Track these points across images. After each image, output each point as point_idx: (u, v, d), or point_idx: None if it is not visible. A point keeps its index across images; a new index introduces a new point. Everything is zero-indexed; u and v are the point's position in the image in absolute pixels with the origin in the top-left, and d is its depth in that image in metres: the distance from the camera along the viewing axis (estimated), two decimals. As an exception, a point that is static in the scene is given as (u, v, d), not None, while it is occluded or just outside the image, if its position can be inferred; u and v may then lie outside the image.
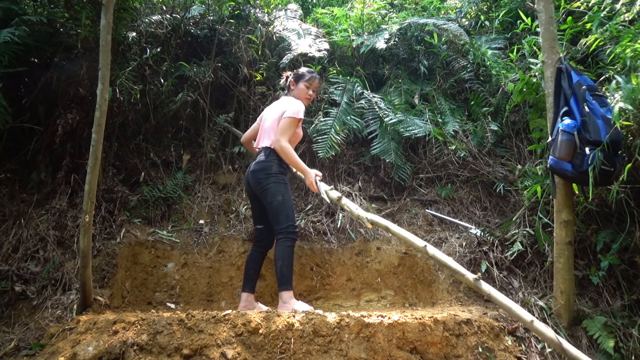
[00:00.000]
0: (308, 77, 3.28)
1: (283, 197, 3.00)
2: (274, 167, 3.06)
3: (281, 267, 2.91)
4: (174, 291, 3.40)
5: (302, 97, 3.25)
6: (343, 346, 2.32)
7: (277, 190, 3.01)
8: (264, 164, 3.09)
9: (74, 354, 2.11)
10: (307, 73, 3.31)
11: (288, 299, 2.86)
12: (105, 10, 2.53)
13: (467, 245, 3.50)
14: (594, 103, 2.53)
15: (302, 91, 3.26)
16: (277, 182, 3.03)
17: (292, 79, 3.31)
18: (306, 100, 3.28)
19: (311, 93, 3.30)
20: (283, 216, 2.97)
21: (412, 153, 4.38)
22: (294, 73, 3.34)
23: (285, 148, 3.02)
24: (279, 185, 3.03)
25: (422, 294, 3.51)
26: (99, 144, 2.55)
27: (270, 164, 3.07)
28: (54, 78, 3.48)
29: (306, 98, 3.27)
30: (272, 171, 3.05)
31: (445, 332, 2.51)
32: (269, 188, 3.02)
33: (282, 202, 2.99)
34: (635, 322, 2.70)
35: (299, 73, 3.32)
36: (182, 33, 4.36)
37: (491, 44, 4.32)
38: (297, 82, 3.28)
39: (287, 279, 2.90)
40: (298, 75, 3.30)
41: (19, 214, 3.20)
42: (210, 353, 2.17)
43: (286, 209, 2.99)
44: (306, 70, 3.34)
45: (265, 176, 3.04)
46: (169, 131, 4.21)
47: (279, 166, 3.08)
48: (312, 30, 4.48)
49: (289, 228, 2.95)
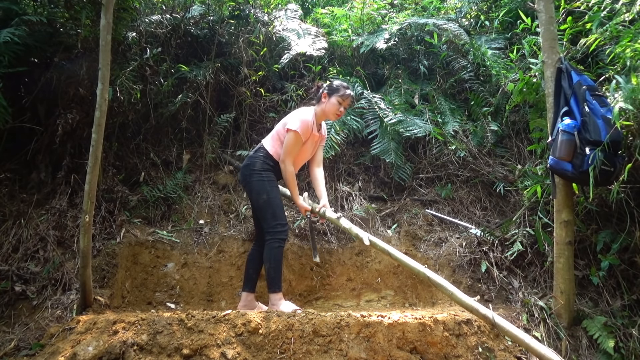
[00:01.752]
0: (342, 93, 3.04)
1: (268, 195, 2.92)
2: (257, 164, 2.99)
3: (269, 270, 2.88)
4: (174, 291, 3.39)
5: (332, 112, 3.06)
6: (343, 346, 2.32)
7: (261, 187, 2.94)
8: (249, 159, 3.05)
9: (74, 354, 2.11)
10: (341, 88, 3.07)
11: (277, 300, 2.84)
12: (105, 10, 2.53)
13: (467, 245, 3.50)
14: (594, 103, 2.53)
15: (333, 106, 3.04)
16: (261, 180, 2.95)
17: (325, 90, 3.08)
18: (335, 117, 3.12)
19: (342, 110, 3.08)
20: (269, 215, 2.91)
21: (412, 153, 4.38)
22: (328, 85, 3.12)
23: (287, 171, 2.95)
24: (262, 183, 2.95)
25: (422, 294, 3.51)
26: (99, 144, 2.55)
27: (254, 160, 3.01)
28: (54, 78, 3.48)
29: (336, 114, 3.08)
30: (255, 168, 2.98)
31: (445, 332, 2.51)
32: (252, 186, 2.96)
33: (267, 200, 2.92)
34: (635, 322, 2.70)
35: (334, 86, 3.08)
36: (182, 33, 4.36)
37: (491, 44, 4.32)
38: (330, 95, 3.05)
39: (276, 281, 2.87)
40: (332, 89, 3.07)
41: (19, 214, 3.20)
42: (210, 353, 2.17)
43: (272, 207, 2.91)
44: (341, 85, 3.10)
45: (249, 172, 2.98)
46: (169, 131, 4.21)
47: (264, 163, 2.99)
48: (311, 30, 4.48)
49: (277, 227, 2.89)
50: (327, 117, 3.14)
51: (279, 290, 2.88)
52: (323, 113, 3.09)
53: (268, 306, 2.90)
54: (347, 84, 3.20)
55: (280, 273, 2.92)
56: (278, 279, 2.89)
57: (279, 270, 2.90)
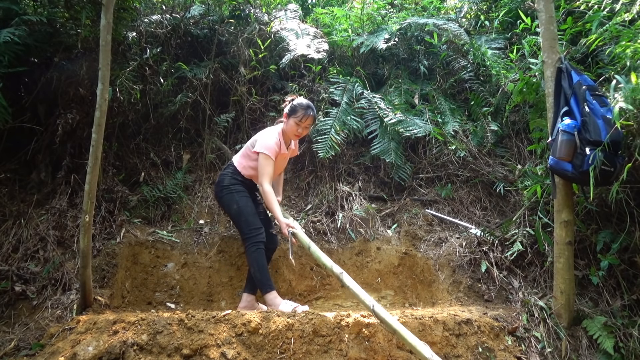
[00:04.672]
0: (300, 115, 3.05)
1: (238, 204, 3.07)
2: (225, 180, 3.16)
3: (254, 274, 2.96)
4: (174, 291, 3.39)
5: (291, 133, 3.13)
6: (343, 346, 2.32)
7: (230, 200, 3.10)
8: (219, 177, 3.25)
9: (74, 354, 2.11)
10: (299, 109, 3.06)
11: (272, 300, 2.87)
12: (105, 10, 2.53)
13: (467, 245, 3.50)
14: (594, 103, 2.53)
15: (291, 127, 3.09)
16: (230, 193, 3.11)
17: (285, 111, 3.13)
18: (295, 137, 3.18)
19: (301, 131, 3.11)
20: (243, 223, 3.05)
21: (412, 153, 4.38)
22: (290, 105, 3.13)
23: (266, 193, 2.98)
24: (231, 195, 3.10)
25: (422, 294, 3.51)
26: (99, 144, 2.55)
27: (223, 177, 3.20)
28: (54, 78, 3.48)
29: (295, 135, 3.14)
30: (224, 184, 3.16)
31: (445, 332, 2.52)
32: (223, 200, 3.15)
33: (237, 209, 3.07)
34: (635, 322, 2.70)
35: (293, 107, 3.09)
36: (182, 33, 4.36)
37: (491, 44, 4.32)
38: (289, 116, 3.09)
39: (264, 282, 2.92)
40: (291, 110, 3.09)
41: (19, 214, 3.19)
42: (210, 353, 2.17)
43: (244, 214, 3.05)
44: (299, 106, 3.08)
45: (219, 189, 3.18)
46: (168, 131, 4.21)
47: (232, 178, 3.16)
48: (310, 30, 4.48)
49: (252, 232, 3.00)
50: (291, 138, 3.21)
51: (271, 289, 2.91)
52: (287, 133, 3.18)
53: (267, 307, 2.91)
54: (307, 102, 3.15)
55: (266, 273, 2.96)
56: (266, 279, 2.94)
57: (264, 272, 2.96)
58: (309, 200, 4.11)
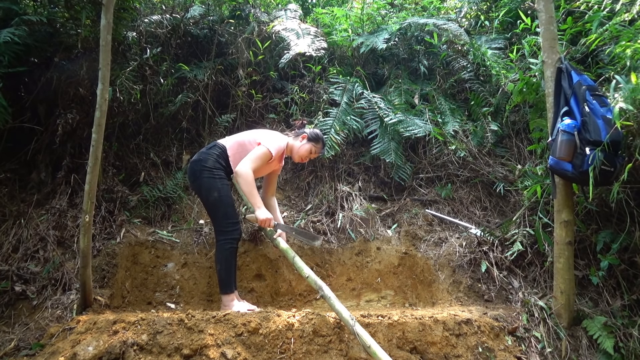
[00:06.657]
0: (320, 147, 3.25)
1: (219, 192, 2.84)
2: (209, 161, 2.91)
3: (220, 271, 2.83)
4: (174, 291, 3.39)
5: (301, 155, 3.21)
6: (343, 346, 2.32)
7: (211, 185, 2.85)
8: (200, 155, 2.99)
9: (74, 354, 2.11)
10: (321, 141, 3.26)
11: (229, 302, 2.79)
12: (105, 10, 2.53)
13: (467, 245, 3.50)
14: (594, 103, 2.53)
15: (306, 151, 3.19)
16: (212, 177, 2.87)
17: (307, 133, 3.24)
18: (301, 159, 3.25)
19: (308, 157, 3.25)
20: (221, 214, 2.84)
21: (412, 153, 4.38)
22: (312, 131, 3.26)
23: (246, 174, 2.85)
24: (213, 180, 2.86)
25: (422, 294, 3.51)
26: (99, 144, 2.55)
27: (207, 157, 2.94)
28: (54, 78, 3.48)
29: (302, 158, 3.23)
30: (207, 165, 2.90)
31: (445, 332, 2.52)
32: (202, 182, 2.88)
33: (218, 198, 2.84)
34: (635, 322, 2.70)
35: (317, 136, 3.24)
36: (182, 33, 4.36)
37: (491, 44, 4.32)
38: (310, 141, 3.21)
39: (227, 283, 2.81)
40: (314, 137, 3.22)
41: (19, 214, 3.20)
42: (210, 353, 2.17)
43: (224, 205, 2.84)
44: (321, 138, 3.27)
45: (199, 168, 2.90)
46: (169, 131, 4.22)
47: (216, 161, 2.93)
48: (311, 30, 4.48)
49: (228, 227, 2.84)
50: (293, 155, 3.24)
51: (231, 291, 2.82)
52: (293, 149, 3.21)
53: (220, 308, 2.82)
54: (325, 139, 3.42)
55: (233, 275, 2.85)
56: (228, 280, 2.82)
57: (231, 273, 2.84)
58: (309, 200, 4.11)
